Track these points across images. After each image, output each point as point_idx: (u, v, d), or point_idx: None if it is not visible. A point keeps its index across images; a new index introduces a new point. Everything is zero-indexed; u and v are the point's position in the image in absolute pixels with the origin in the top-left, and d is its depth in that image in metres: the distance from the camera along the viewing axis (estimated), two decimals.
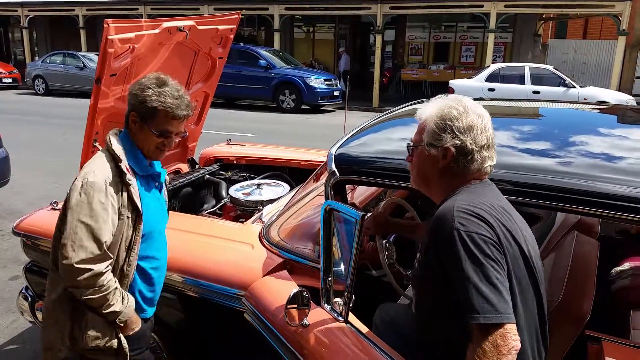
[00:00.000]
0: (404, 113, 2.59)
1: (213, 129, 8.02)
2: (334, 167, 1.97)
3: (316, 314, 1.79)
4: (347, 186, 2.11)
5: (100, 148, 1.90)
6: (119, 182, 1.78)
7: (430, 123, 1.51)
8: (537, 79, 12.56)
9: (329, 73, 16.87)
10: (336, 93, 14.72)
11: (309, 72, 15.01)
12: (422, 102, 1.77)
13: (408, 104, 2.77)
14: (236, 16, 3.45)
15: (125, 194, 1.79)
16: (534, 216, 3.24)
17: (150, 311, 2.01)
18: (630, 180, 1.56)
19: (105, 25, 2.54)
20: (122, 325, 1.83)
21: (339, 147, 2.10)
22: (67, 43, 22.18)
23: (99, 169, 1.77)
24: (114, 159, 1.80)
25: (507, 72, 13.11)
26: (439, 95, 1.62)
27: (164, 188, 2.09)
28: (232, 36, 3.48)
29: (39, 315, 2.76)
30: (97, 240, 1.69)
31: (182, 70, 3.38)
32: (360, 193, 2.82)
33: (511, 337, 1.20)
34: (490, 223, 1.34)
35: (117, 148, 1.82)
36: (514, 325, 1.23)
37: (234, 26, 3.44)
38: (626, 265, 2.78)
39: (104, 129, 2.98)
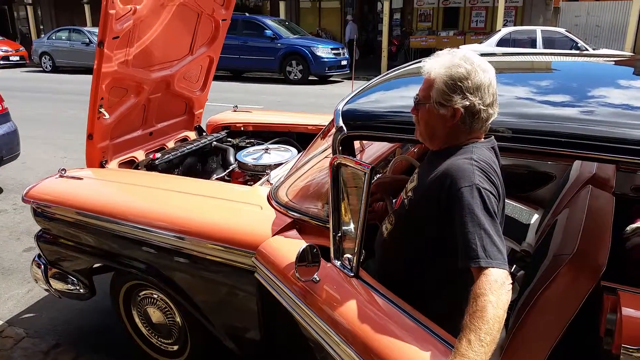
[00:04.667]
0: (412, 70, 2.53)
1: (219, 102, 7.97)
2: (341, 123, 1.93)
3: (327, 271, 1.77)
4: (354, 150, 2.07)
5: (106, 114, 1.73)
6: None
7: (440, 82, 1.52)
8: (549, 43, 12.29)
9: (336, 42, 16.59)
10: (344, 63, 14.48)
11: (316, 42, 14.77)
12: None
13: (415, 61, 2.71)
14: None
15: None
16: (548, 175, 3.20)
17: None
18: None
19: None
20: None
21: (346, 104, 2.06)
22: (72, 19, 22.04)
23: None
24: None
25: (518, 37, 12.83)
26: (447, 49, 1.62)
27: None
28: None
29: (53, 282, 2.79)
30: None
31: (185, 34, 3.33)
32: (368, 156, 2.78)
33: (509, 279, 1.36)
34: (497, 186, 1.49)
35: None
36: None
37: None
38: None
39: (109, 94, 2.95)
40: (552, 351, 1.60)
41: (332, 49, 14.33)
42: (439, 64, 1.56)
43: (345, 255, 1.75)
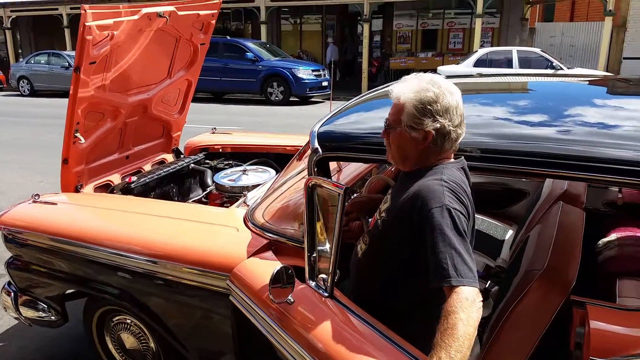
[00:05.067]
0: (385, 93, 2.57)
1: (200, 123, 7.97)
2: (317, 145, 1.95)
3: (301, 292, 1.77)
4: (331, 169, 2.09)
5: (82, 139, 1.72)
6: None
7: (410, 106, 1.56)
8: (525, 62, 12.57)
9: (317, 64, 16.76)
10: (325, 84, 14.61)
11: (297, 63, 14.91)
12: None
13: (388, 84, 2.76)
14: (217, 1, 3.40)
15: None
16: (522, 192, 3.25)
17: None
18: (634, 145, 1.54)
19: (83, 12, 2.50)
20: None
21: (321, 125, 2.09)
22: (52, 43, 21.96)
23: None
24: None
25: (494, 57, 13.10)
26: (413, 74, 1.67)
27: None
28: (213, 22, 3.44)
29: (23, 310, 2.73)
30: None
31: (163, 58, 3.34)
32: (346, 175, 2.80)
33: (479, 297, 1.37)
34: (467, 205, 1.52)
35: None
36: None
37: (216, 11, 3.40)
38: (613, 236, 2.78)
39: (85, 119, 2.94)
40: None
41: (313, 70, 14.48)
42: (407, 89, 1.59)
43: (320, 276, 1.75)
